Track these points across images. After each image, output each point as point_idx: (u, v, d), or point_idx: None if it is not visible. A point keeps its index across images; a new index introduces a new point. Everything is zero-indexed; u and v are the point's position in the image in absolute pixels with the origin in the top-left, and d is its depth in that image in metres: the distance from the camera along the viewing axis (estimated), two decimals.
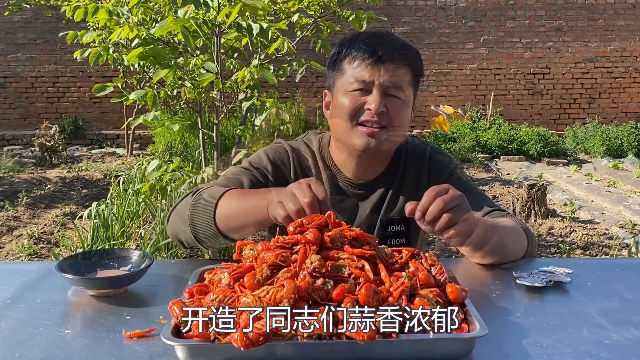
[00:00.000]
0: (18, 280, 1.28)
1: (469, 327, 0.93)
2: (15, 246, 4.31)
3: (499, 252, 1.36)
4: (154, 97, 2.82)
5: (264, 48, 3.15)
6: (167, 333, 0.90)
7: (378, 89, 1.40)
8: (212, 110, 5.49)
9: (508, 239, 1.38)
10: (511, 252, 1.40)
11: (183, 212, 1.35)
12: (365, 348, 0.87)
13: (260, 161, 1.52)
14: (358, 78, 1.40)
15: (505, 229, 1.37)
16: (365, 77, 1.40)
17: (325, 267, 0.96)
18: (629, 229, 4.88)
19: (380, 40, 1.43)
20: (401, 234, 1.52)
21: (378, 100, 1.38)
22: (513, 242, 1.40)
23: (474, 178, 7.10)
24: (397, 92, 1.41)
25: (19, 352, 0.96)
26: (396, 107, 1.41)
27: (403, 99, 1.42)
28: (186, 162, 4.85)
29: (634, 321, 1.08)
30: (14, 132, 9.71)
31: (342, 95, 1.44)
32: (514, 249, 1.41)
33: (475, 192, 1.56)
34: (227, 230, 1.29)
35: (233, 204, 1.29)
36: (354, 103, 1.41)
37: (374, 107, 1.38)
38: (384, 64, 1.40)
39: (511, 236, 1.40)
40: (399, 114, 1.42)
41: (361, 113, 1.41)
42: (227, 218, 1.28)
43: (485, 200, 1.55)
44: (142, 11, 2.88)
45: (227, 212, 1.28)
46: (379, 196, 1.54)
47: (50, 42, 9.59)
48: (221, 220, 1.29)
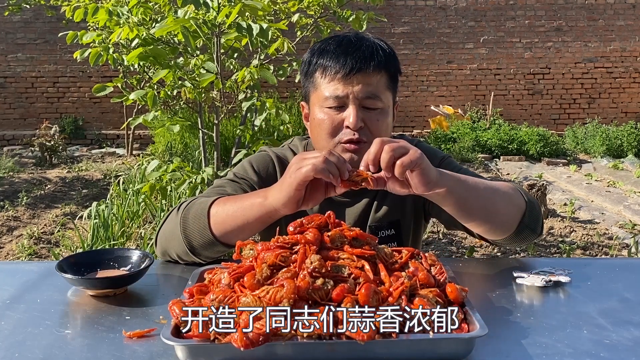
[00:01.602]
0: (18, 280, 1.28)
1: (469, 327, 0.93)
2: (15, 246, 4.31)
3: (484, 209, 1.26)
4: (154, 97, 2.83)
5: (264, 48, 3.16)
6: (167, 333, 0.90)
7: (354, 102, 1.34)
8: (212, 110, 5.49)
9: (495, 195, 1.28)
10: (499, 209, 1.29)
11: (172, 228, 1.33)
12: (365, 348, 0.87)
13: (245, 172, 1.50)
14: (332, 94, 1.35)
15: (493, 186, 1.29)
16: (338, 92, 1.34)
17: (325, 267, 0.96)
18: (629, 229, 4.88)
19: (350, 48, 1.36)
20: (392, 238, 1.50)
21: (355, 116, 1.33)
22: (502, 199, 1.30)
23: None
24: (374, 103, 1.36)
25: (19, 352, 0.96)
26: (375, 118, 1.36)
27: (381, 107, 1.37)
28: (186, 162, 4.85)
29: (634, 321, 1.08)
30: (14, 132, 9.71)
31: (318, 111, 1.39)
32: (505, 207, 1.30)
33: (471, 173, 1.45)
34: (224, 235, 1.27)
35: (227, 207, 1.28)
36: (332, 122, 1.36)
37: (352, 124, 1.33)
38: (357, 75, 1.34)
39: (500, 193, 1.29)
40: (379, 125, 1.37)
41: (340, 129, 1.36)
42: (223, 223, 1.27)
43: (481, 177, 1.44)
44: (142, 11, 2.88)
45: (221, 217, 1.27)
46: (366, 203, 1.51)
47: (50, 42, 9.59)
48: (216, 225, 1.27)
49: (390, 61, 1.40)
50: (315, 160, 1.10)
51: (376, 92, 1.36)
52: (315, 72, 1.40)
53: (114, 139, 9.68)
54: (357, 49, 1.36)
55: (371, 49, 1.37)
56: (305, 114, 1.49)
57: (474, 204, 1.25)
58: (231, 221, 1.26)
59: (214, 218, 1.28)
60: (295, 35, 3.71)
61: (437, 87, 10.10)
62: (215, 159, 3.25)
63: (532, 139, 8.41)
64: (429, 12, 9.94)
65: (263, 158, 1.53)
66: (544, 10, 9.95)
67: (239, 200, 1.28)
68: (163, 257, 1.41)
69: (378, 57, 1.37)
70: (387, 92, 1.40)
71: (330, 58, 1.36)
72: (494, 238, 1.36)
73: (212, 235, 1.27)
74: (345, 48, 1.37)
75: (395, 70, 1.43)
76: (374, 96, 1.36)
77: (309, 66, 1.42)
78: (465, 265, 1.39)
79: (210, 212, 1.28)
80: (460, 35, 10.00)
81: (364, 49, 1.36)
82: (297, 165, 1.13)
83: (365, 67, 1.34)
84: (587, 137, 8.86)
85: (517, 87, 10.15)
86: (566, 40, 10.00)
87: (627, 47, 10.05)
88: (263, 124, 3.19)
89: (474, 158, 8.14)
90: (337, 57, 1.36)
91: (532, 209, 1.34)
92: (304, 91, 1.48)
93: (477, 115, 9.73)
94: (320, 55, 1.39)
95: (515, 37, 10.00)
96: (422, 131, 9.81)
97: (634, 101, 10.21)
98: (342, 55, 1.35)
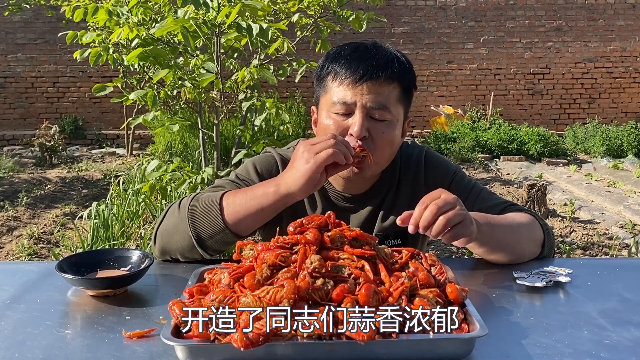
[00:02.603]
0: (18, 281, 1.28)
1: (469, 327, 0.93)
2: (15, 246, 4.31)
3: (508, 248, 1.32)
4: (154, 97, 2.83)
5: (264, 48, 3.16)
6: (167, 333, 0.89)
7: (361, 110, 1.31)
8: (212, 110, 5.49)
9: (518, 234, 1.33)
10: (524, 247, 1.35)
11: (176, 222, 1.34)
12: (365, 348, 0.87)
13: (247, 174, 1.49)
14: (340, 99, 1.33)
15: (514, 223, 1.33)
16: (347, 99, 1.32)
17: (325, 267, 0.96)
18: (629, 229, 4.88)
19: (365, 55, 1.34)
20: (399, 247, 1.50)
21: (360, 124, 1.30)
22: (525, 236, 1.35)
23: (475, 178, 7.10)
24: (382, 114, 1.33)
25: (19, 352, 0.96)
26: (381, 131, 1.33)
27: (389, 119, 1.34)
28: (186, 162, 4.85)
29: (634, 321, 1.08)
30: (14, 132, 9.71)
31: (325, 117, 1.37)
32: (527, 244, 1.36)
33: (484, 191, 1.51)
34: (237, 223, 1.28)
35: (238, 197, 1.29)
36: (337, 127, 1.34)
37: (356, 133, 1.30)
38: (367, 83, 1.31)
39: (522, 230, 1.34)
40: (384, 137, 1.34)
41: (344, 136, 1.32)
42: (237, 213, 1.28)
43: (494, 197, 1.50)
44: (142, 11, 2.88)
45: (235, 207, 1.29)
46: (371, 210, 1.49)
47: (50, 42, 9.59)
48: (230, 215, 1.28)
49: (405, 74, 1.37)
50: (329, 145, 1.18)
51: (385, 103, 1.33)
52: (327, 77, 1.38)
53: (114, 139, 9.69)
54: (372, 57, 1.33)
55: (386, 58, 1.34)
56: (314, 119, 1.47)
57: (497, 247, 1.30)
58: (245, 210, 1.28)
59: (227, 209, 1.29)
60: (295, 35, 3.71)
61: (437, 87, 10.11)
62: (215, 159, 3.26)
63: (532, 139, 8.41)
64: (429, 12, 9.95)
65: (267, 160, 1.52)
66: (544, 10, 9.96)
67: (249, 191, 1.30)
68: (162, 255, 1.40)
69: (392, 68, 1.33)
70: (398, 105, 1.37)
71: (343, 63, 1.34)
72: None
73: (225, 224, 1.29)
74: (360, 55, 1.35)
75: (410, 83, 1.39)
76: (382, 107, 1.32)
77: (322, 70, 1.40)
78: (465, 265, 1.39)
79: (222, 203, 1.30)
80: (460, 35, 10.00)
81: (378, 58, 1.34)
82: (309, 151, 1.19)
83: (376, 76, 1.31)
84: (587, 137, 8.86)
85: (517, 87, 10.15)
86: (566, 40, 10.01)
87: (627, 47, 10.05)
88: (263, 124, 3.19)
89: (474, 158, 8.14)
90: (350, 62, 1.33)
91: (548, 239, 1.41)
92: (315, 95, 1.46)
93: (477, 115, 9.73)
94: (334, 60, 1.37)
95: (515, 37, 10.00)
96: (422, 131, 9.82)
97: (634, 101, 10.21)
98: (355, 61, 1.33)
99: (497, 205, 1.46)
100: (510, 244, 1.32)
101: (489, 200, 1.48)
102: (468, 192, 1.49)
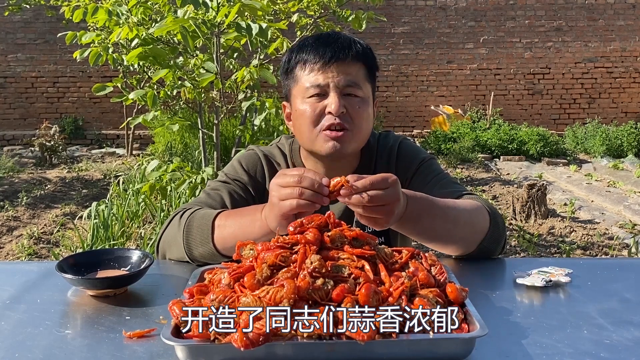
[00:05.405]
0: (18, 281, 1.28)
1: (469, 327, 0.93)
2: (15, 246, 4.31)
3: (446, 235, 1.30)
4: (154, 97, 2.83)
5: (264, 48, 3.16)
6: (167, 333, 0.89)
7: (335, 90, 1.38)
8: (212, 110, 5.49)
9: (456, 212, 1.31)
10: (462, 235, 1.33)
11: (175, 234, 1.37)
12: (365, 348, 0.87)
13: (235, 172, 1.52)
14: (313, 83, 1.39)
15: (458, 205, 1.32)
16: (319, 81, 1.38)
17: (325, 267, 0.96)
18: (629, 229, 4.88)
19: (328, 41, 1.41)
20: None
21: (337, 102, 1.36)
22: (466, 225, 1.33)
23: (474, 178, 7.10)
24: (355, 90, 1.39)
25: (19, 352, 0.96)
26: (357, 106, 1.40)
27: (361, 96, 1.41)
28: (186, 162, 4.85)
29: (634, 321, 1.08)
30: (14, 132, 9.71)
31: (300, 103, 1.42)
32: (467, 232, 1.34)
33: (447, 180, 1.51)
34: (225, 249, 1.31)
35: (228, 223, 1.30)
36: (314, 109, 1.39)
37: (334, 109, 1.36)
38: (336, 64, 1.38)
39: (465, 218, 1.32)
40: (360, 112, 1.40)
41: (322, 117, 1.39)
42: (225, 239, 1.29)
43: (455, 186, 1.49)
44: (141, 11, 2.88)
45: (224, 233, 1.30)
46: None
47: (50, 42, 9.59)
48: (219, 240, 1.30)
49: (367, 54, 1.44)
50: (294, 195, 1.09)
51: (356, 81, 1.40)
52: (296, 67, 1.43)
53: (114, 139, 9.68)
54: (335, 41, 1.40)
55: (348, 41, 1.42)
56: (287, 114, 1.52)
57: (435, 233, 1.29)
58: (232, 238, 1.26)
59: (217, 231, 1.31)
60: (295, 35, 3.71)
61: (437, 87, 10.10)
62: (215, 159, 3.26)
63: (532, 139, 8.41)
64: (429, 12, 9.95)
65: (251, 157, 1.56)
66: (544, 10, 9.95)
67: (238, 216, 1.30)
68: (163, 259, 1.45)
69: (356, 48, 1.41)
70: (367, 83, 1.43)
71: (310, 51, 1.41)
72: (446, 253, 1.41)
73: (214, 247, 1.31)
74: (323, 41, 1.41)
75: (373, 65, 1.46)
76: (354, 84, 1.39)
77: (289, 62, 1.46)
78: (465, 265, 1.39)
79: (215, 224, 1.31)
80: (460, 35, 10.00)
81: (341, 41, 1.41)
82: (276, 197, 1.13)
83: (343, 57, 1.38)
84: (587, 137, 8.86)
85: (517, 87, 10.15)
86: (566, 40, 10.01)
87: (627, 47, 10.05)
88: (263, 124, 3.19)
89: (474, 158, 8.14)
90: (316, 48, 1.40)
91: (493, 232, 1.36)
92: (284, 90, 1.51)
93: (477, 115, 9.73)
94: (300, 50, 1.43)
95: (515, 37, 10.00)
96: (422, 131, 9.82)
97: (634, 101, 10.21)
98: (321, 46, 1.40)
99: (453, 192, 1.46)
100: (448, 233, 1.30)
101: (448, 187, 1.48)
102: (432, 177, 1.51)
